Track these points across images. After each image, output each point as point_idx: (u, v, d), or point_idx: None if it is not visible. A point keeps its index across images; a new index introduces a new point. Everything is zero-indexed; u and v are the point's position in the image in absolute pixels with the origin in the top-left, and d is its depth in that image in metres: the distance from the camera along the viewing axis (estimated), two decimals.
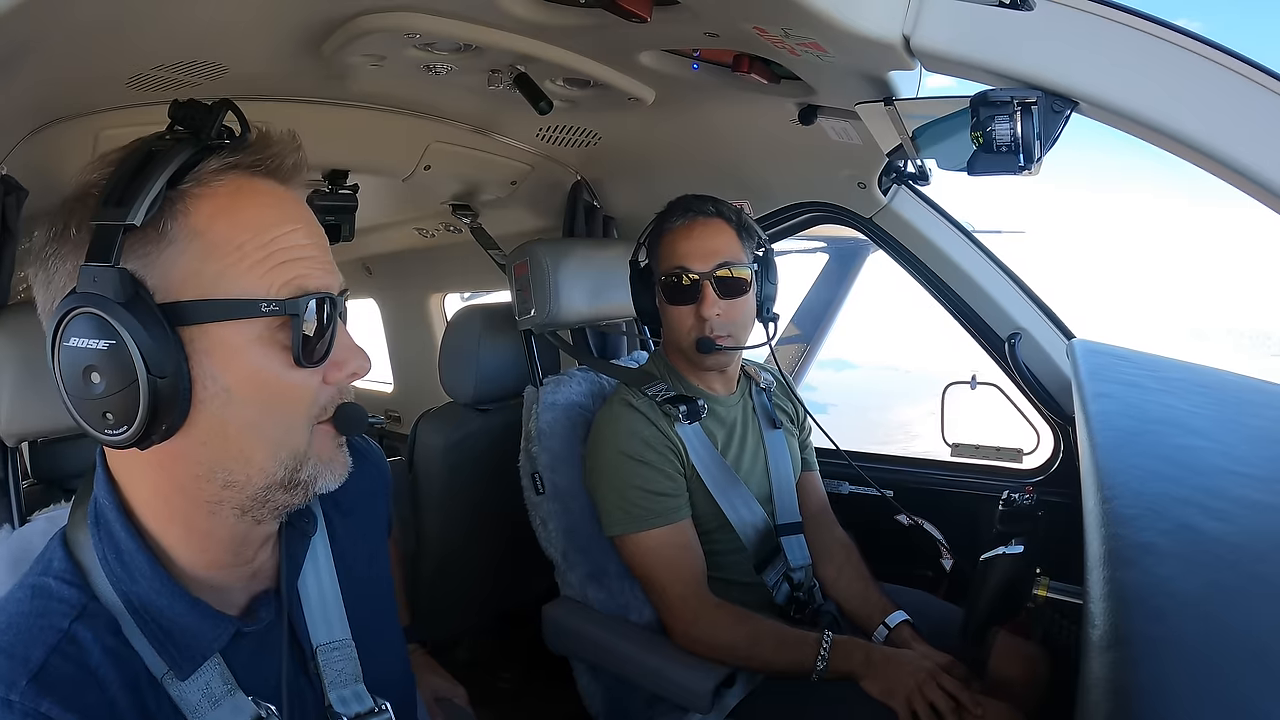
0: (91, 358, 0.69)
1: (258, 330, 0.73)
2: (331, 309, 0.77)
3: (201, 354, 0.71)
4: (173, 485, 0.76)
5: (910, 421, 8.86)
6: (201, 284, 0.71)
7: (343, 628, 0.93)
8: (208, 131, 0.74)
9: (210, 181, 0.73)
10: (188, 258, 0.71)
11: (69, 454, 2.11)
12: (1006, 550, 1.45)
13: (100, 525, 0.77)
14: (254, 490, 0.76)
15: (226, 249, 0.72)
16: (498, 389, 2.11)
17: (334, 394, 0.79)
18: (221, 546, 0.80)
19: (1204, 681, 0.60)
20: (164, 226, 0.71)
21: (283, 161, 0.78)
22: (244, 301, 0.72)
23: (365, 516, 1.03)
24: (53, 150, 1.41)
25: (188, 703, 0.77)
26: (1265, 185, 0.97)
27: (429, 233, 3.02)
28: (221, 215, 0.72)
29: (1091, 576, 0.76)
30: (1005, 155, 1.14)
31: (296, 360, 0.74)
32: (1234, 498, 0.91)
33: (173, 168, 0.71)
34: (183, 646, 0.77)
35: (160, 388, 0.69)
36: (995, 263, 1.95)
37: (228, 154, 0.75)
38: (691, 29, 1.29)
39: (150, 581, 0.76)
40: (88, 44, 1.15)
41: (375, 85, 1.62)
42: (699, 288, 1.61)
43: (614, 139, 2.07)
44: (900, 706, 1.39)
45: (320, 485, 0.79)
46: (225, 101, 0.77)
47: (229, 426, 0.73)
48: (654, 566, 1.58)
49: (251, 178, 0.76)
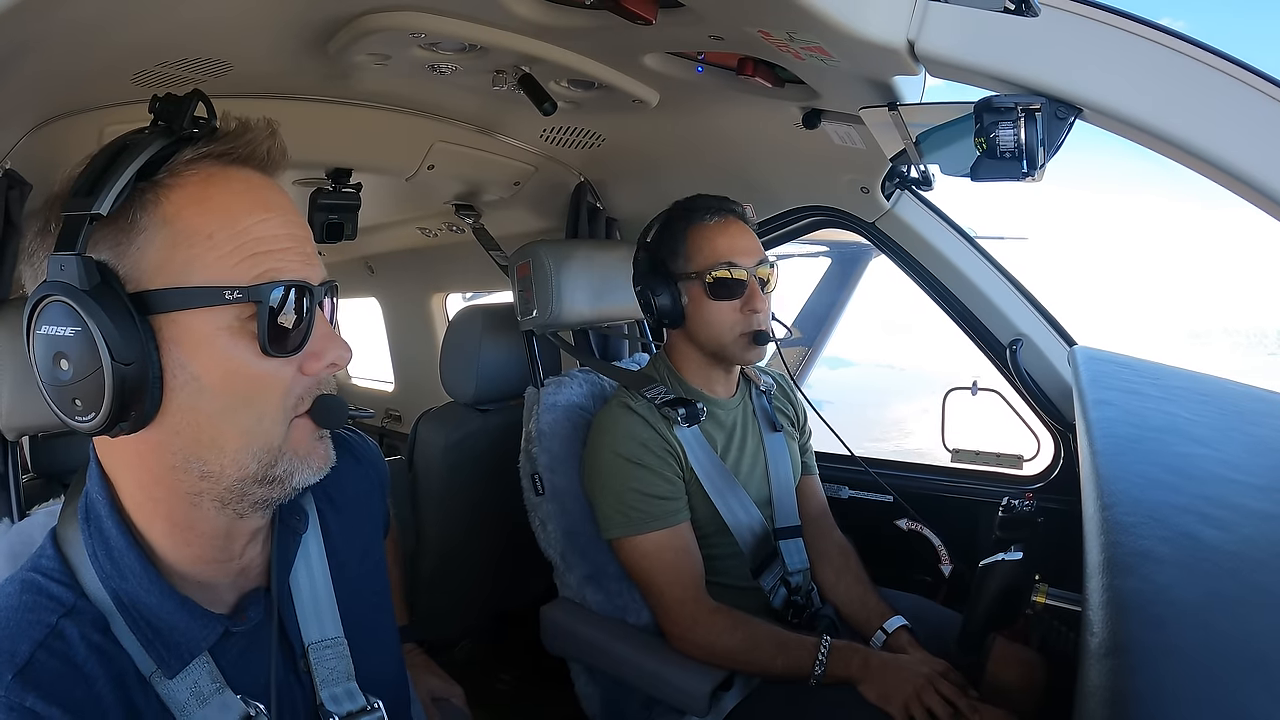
0: (60, 344, 0.70)
1: (226, 319, 0.72)
2: (309, 299, 0.76)
3: (170, 342, 0.71)
4: (153, 477, 0.76)
5: (905, 419, 8.91)
6: (171, 272, 0.71)
7: (335, 625, 0.92)
8: (179, 122, 0.74)
9: (183, 172, 0.74)
10: (156, 246, 0.71)
11: (69, 449, 2.10)
12: (1006, 556, 1.45)
13: (90, 521, 0.77)
14: (229, 482, 0.76)
15: (196, 237, 0.72)
16: (498, 389, 2.11)
17: (311, 385, 0.78)
18: (205, 541, 0.80)
19: (1203, 689, 0.60)
20: (134, 216, 0.71)
21: (255, 149, 0.78)
22: (209, 289, 0.71)
23: (359, 514, 1.03)
24: (57, 145, 1.41)
25: (175, 701, 0.77)
26: (1266, 192, 0.97)
27: (432, 232, 3.02)
28: (191, 204, 0.73)
29: (1090, 583, 0.76)
30: (1009, 161, 1.14)
31: (264, 349, 0.73)
32: (1234, 506, 0.91)
33: (142, 159, 0.71)
34: (170, 645, 0.76)
35: (125, 374, 0.69)
36: (997, 269, 1.95)
37: (202, 144, 0.75)
38: (696, 32, 1.29)
39: (139, 579, 0.76)
40: (92, 40, 1.15)
41: (380, 84, 1.62)
42: (746, 283, 1.63)
43: (617, 141, 2.07)
44: (898, 712, 1.39)
45: (298, 480, 0.78)
46: (195, 92, 0.76)
47: (200, 415, 0.73)
48: (651, 570, 1.58)
49: (225, 166, 0.76)
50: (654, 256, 1.71)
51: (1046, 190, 31.13)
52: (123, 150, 0.72)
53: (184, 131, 0.74)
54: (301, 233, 0.79)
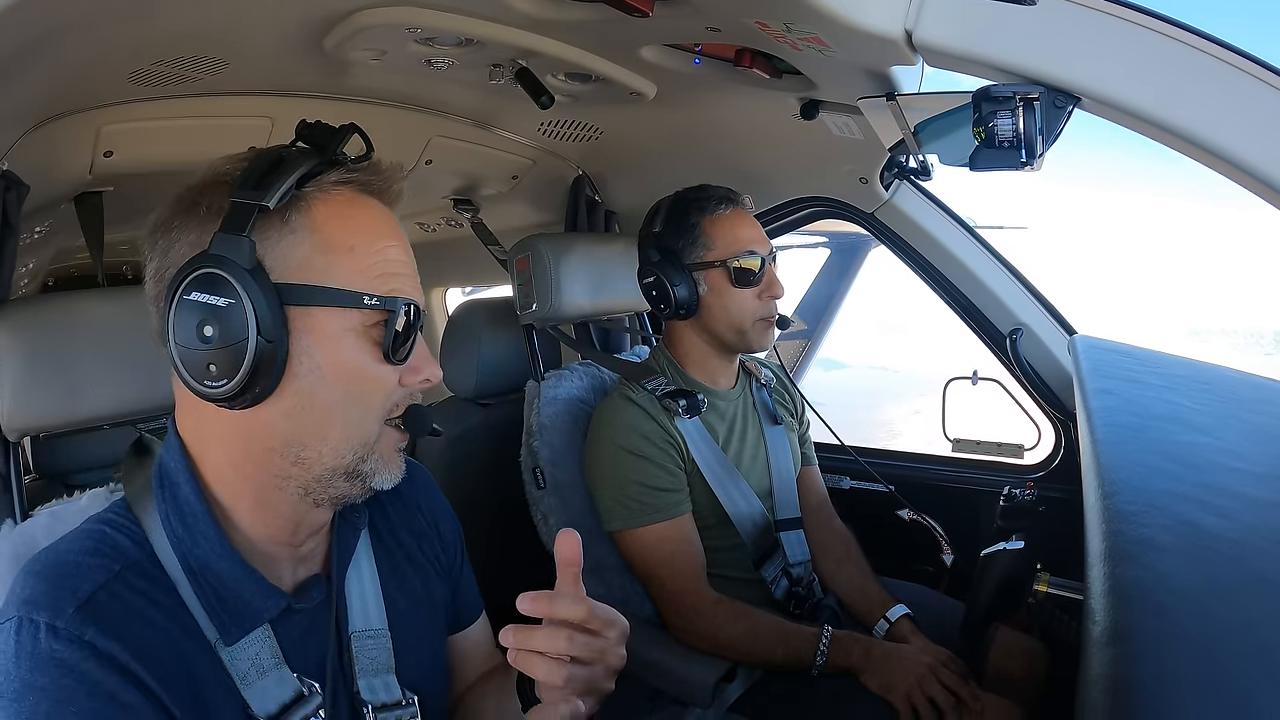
0: (208, 312, 0.76)
1: (354, 322, 0.81)
2: (418, 317, 0.85)
3: (302, 332, 0.79)
4: (247, 455, 0.82)
5: (893, 420, 8.96)
6: (312, 272, 0.80)
7: (380, 618, 0.96)
8: (332, 148, 0.84)
9: (329, 190, 0.83)
10: (305, 247, 0.80)
11: (71, 449, 2.11)
12: (1007, 546, 1.45)
13: (165, 488, 0.83)
14: (321, 471, 0.82)
15: (340, 248, 0.81)
16: (499, 383, 2.11)
17: (405, 396, 0.86)
18: (281, 523, 0.86)
19: (1205, 677, 0.60)
20: (288, 216, 0.80)
21: (390, 185, 0.88)
22: (349, 292, 0.80)
23: (408, 522, 1.08)
24: (54, 146, 1.41)
25: (237, 669, 0.81)
26: (1267, 182, 0.97)
27: (430, 227, 3.02)
28: (336, 219, 0.82)
29: (1092, 572, 0.77)
30: (1007, 151, 1.14)
31: (386, 356, 0.82)
32: (1235, 494, 0.91)
33: (304, 169, 0.80)
34: (234, 612, 0.81)
35: (264, 351, 0.76)
36: (997, 258, 1.95)
37: (345, 171, 0.84)
38: (693, 24, 1.29)
39: (212, 545, 0.81)
40: (89, 39, 1.15)
41: (376, 80, 1.61)
42: (765, 270, 1.66)
43: (615, 134, 2.07)
44: (900, 701, 1.40)
45: (377, 480, 0.85)
46: (351, 125, 0.87)
47: (315, 402, 0.80)
48: (653, 562, 1.58)
49: (364, 195, 0.85)
50: (665, 246, 1.69)
51: (1047, 184, 30.90)
52: (283, 159, 0.80)
53: (336, 155, 0.84)
54: (414, 264, 0.88)
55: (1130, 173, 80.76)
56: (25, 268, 2.86)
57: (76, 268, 3.32)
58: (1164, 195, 74.97)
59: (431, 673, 1.02)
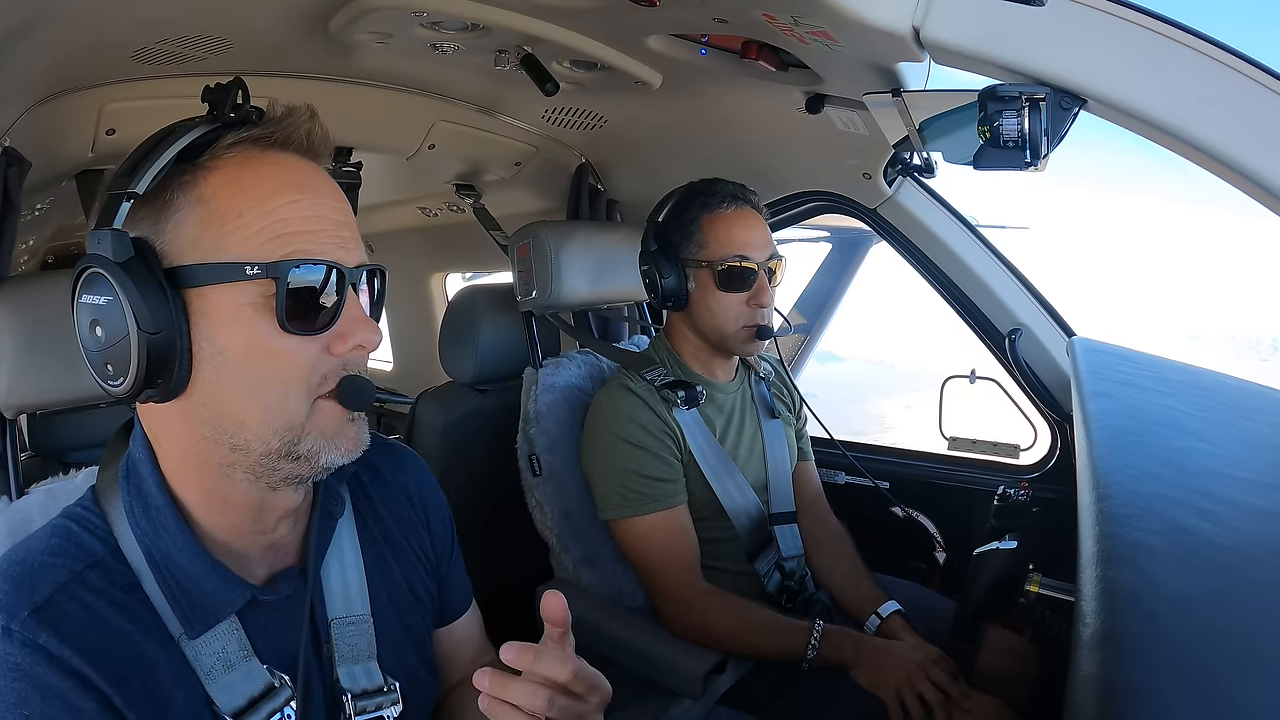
0: (95, 312, 0.74)
1: (250, 295, 0.74)
2: (339, 280, 0.77)
3: (200, 316, 0.74)
4: (189, 446, 0.79)
5: (886, 414, 8.99)
6: (202, 249, 0.74)
7: (363, 605, 0.94)
8: (222, 109, 0.78)
9: (223, 155, 0.77)
10: (190, 224, 0.75)
11: (67, 427, 2.11)
12: (1000, 545, 1.46)
13: (130, 480, 0.81)
14: (256, 456, 0.78)
15: (227, 216, 0.75)
16: (497, 370, 2.11)
17: (337, 366, 0.79)
18: (238, 511, 0.82)
19: (1193, 681, 0.60)
20: (171, 195, 0.75)
21: (294, 133, 0.80)
22: (232, 265, 0.74)
23: (396, 509, 1.04)
24: (56, 123, 1.40)
25: (201, 664, 0.79)
26: (1270, 188, 0.97)
27: (432, 212, 3.01)
28: (225, 184, 0.76)
29: (1084, 574, 0.77)
30: (1012, 151, 1.14)
31: (282, 325, 0.75)
32: (1229, 501, 0.91)
33: (183, 142, 0.75)
34: (197, 605, 0.79)
35: (152, 343, 0.72)
36: (998, 258, 1.94)
37: (243, 129, 0.78)
38: (700, 14, 1.28)
39: (173, 537, 0.79)
40: (92, 17, 1.14)
41: (381, 63, 1.61)
42: (755, 276, 1.63)
43: (620, 122, 2.06)
44: (889, 697, 1.40)
45: (325, 460, 0.79)
46: (237, 80, 0.79)
47: (223, 388, 0.76)
48: (648, 551, 1.59)
49: (263, 150, 0.78)
50: (665, 237, 1.69)
51: (1050, 185, 30.58)
52: (168, 135, 0.76)
53: (227, 117, 0.78)
54: (338, 216, 0.80)
55: (1134, 176, 79.97)
56: (25, 245, 2.85)
57: (76, 245, 3.32)
58: (1167, 199, 74.43)
59: (415, 666, 1.00)
